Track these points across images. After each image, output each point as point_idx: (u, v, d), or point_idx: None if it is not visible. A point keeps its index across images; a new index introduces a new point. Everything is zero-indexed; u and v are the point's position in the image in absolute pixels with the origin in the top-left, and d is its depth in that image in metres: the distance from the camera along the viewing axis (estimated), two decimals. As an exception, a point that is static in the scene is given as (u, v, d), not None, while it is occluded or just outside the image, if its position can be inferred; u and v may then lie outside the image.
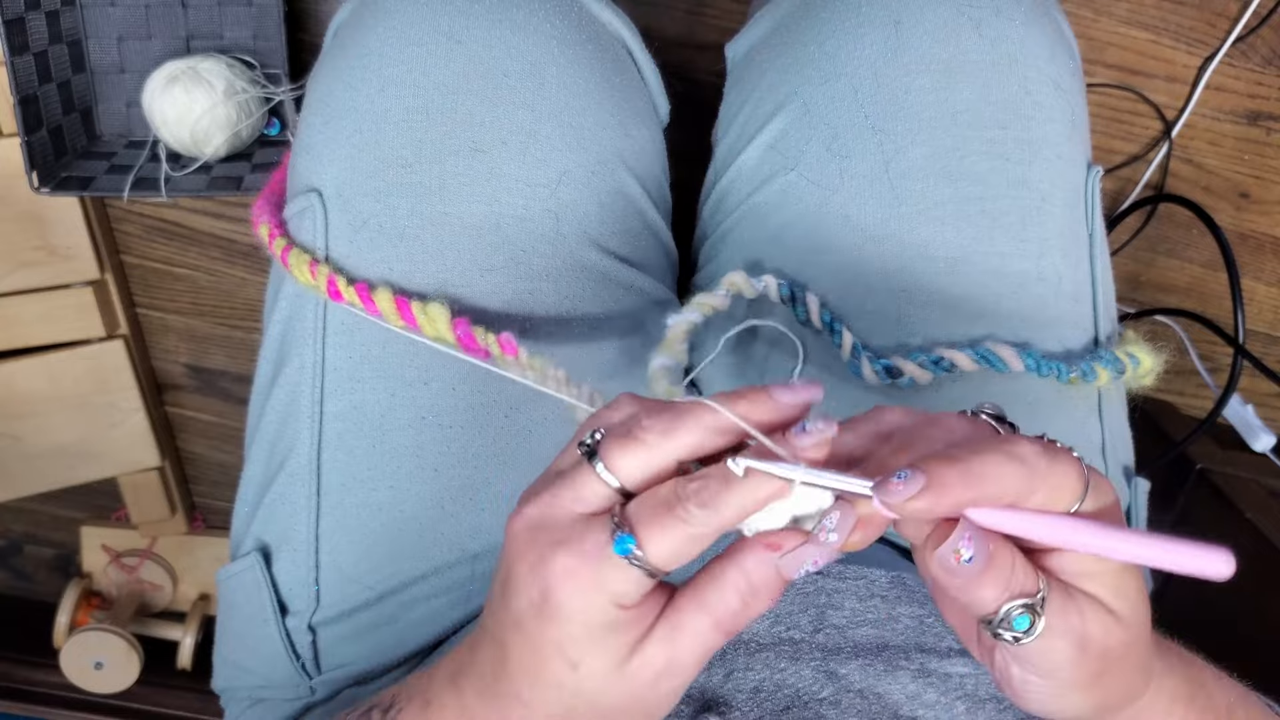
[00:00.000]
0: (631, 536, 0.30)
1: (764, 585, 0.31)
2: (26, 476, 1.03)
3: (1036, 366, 0.51)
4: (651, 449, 0.32)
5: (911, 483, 0.29)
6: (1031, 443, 0.30)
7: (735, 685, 0.45)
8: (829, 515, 0.31)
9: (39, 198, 0.86)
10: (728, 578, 0.31)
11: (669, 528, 0.30)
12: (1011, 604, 0.30)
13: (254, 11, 0.87)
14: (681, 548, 0.30)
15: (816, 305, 0.53)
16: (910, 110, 0.52)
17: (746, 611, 0.32)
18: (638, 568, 0.30)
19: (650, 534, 0.30)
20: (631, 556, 0.30)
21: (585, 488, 0.32)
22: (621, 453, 0.32)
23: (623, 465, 0.32)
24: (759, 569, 0.31)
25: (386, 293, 0.47)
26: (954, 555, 0.30)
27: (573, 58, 0.51)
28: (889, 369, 0.52)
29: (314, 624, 0.52)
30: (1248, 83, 0.91)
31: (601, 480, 0.32)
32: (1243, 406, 0.90)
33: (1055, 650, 0.31)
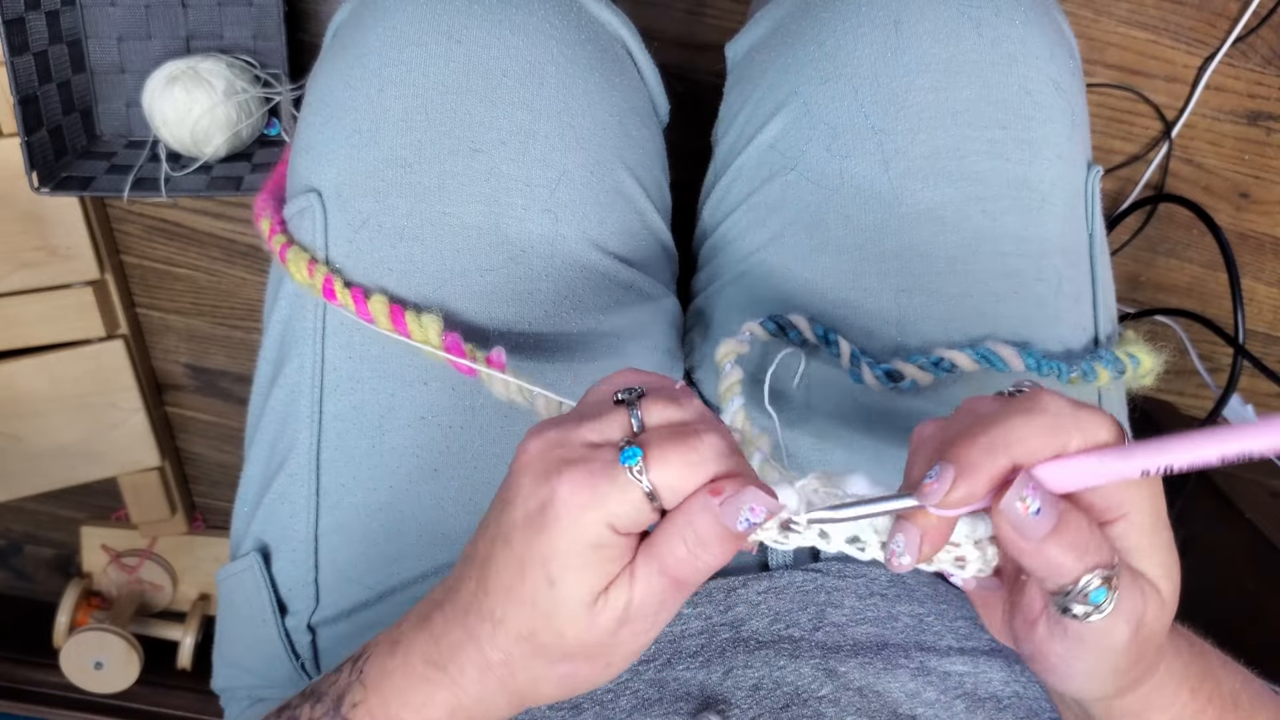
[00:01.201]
0: (639, 449, 0.31)
1: (709, 534, 0.32)
2: (27, 476, 1.03)
3: (1037, 366, 0.51)
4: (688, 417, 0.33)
5: (943, 477, 0.29)
6: (1053, 394, 0.31)
7: (735, 683, 0.45)
8: (895, 538, 0.31)
9: (39, 198, 0.86)
10: (675, 526, 0.32)
11: (677, 450, 0.31)
12: (1091, 575, 0.30)
13: (254, 11, 0.87)
14: (682, 477, 0.31)
15: (806, 323, 0.53)
16: (910, 110, 0.52)
17: (694, 562, 0.32)
18: (637, 484, 0.31)
19: (658, 453, 0.31)
20: (634, 469, 0.31)
21: (611, 426, 0.33)
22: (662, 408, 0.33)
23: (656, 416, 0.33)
24: (701, 515, 0.32)
25: (382, 300, 0.47)
26: (1021, 504, 0.29)
27: (572, 58, 0.51)
28: (889, 373, 0.52)
29: (313, 624, 0.52)
30: (1248, 83, 0.91)
31: (629, 422, 0.33)
32: (1243, 406, 0.90)
33: (1116, 632, 0.31)
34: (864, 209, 0.53)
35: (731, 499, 0.31)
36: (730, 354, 0.51)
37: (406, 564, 0.51)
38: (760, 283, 0.57)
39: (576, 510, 0.31)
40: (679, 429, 0.32)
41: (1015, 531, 0.30)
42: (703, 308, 0.62)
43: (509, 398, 0.45)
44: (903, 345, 0.53)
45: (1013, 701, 0.46)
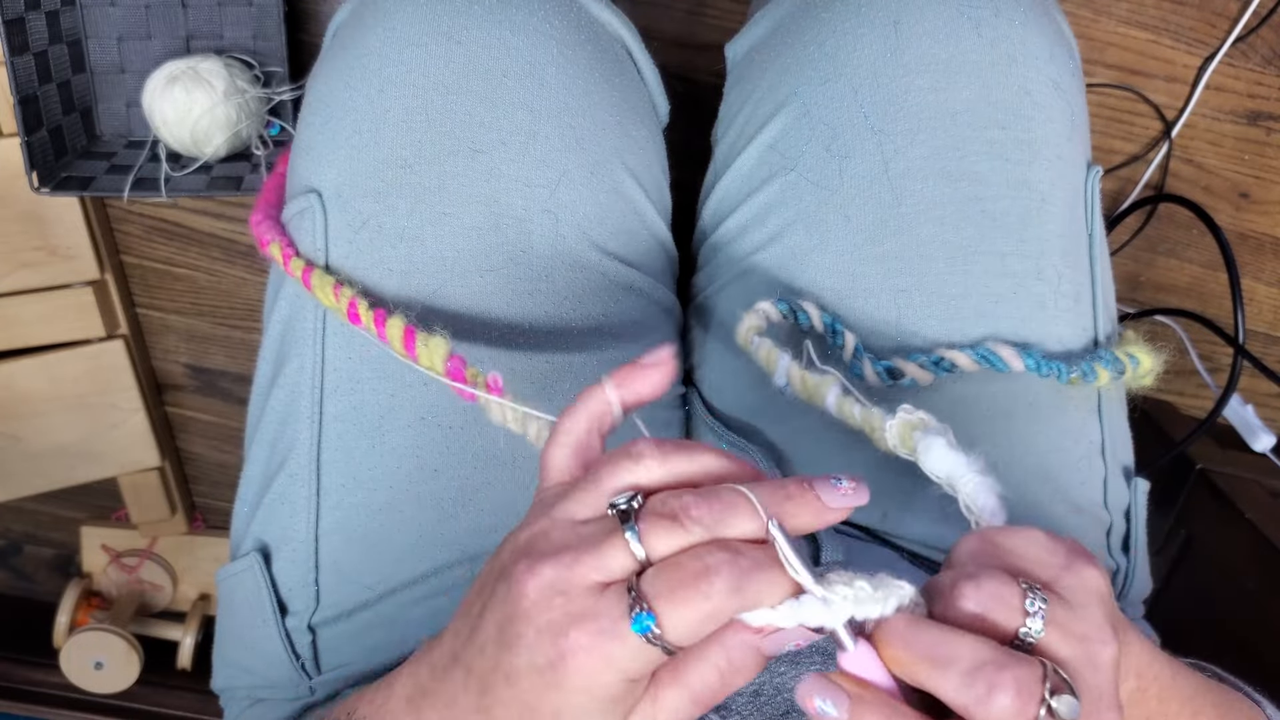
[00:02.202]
0: (651, 615, 0.29)
1: (744, 664, 0.30)
2: (26, 476, 1.03)
3: (1037, 366, 0.51)
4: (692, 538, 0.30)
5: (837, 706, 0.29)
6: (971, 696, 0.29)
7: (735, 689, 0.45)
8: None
9: (39, 198, 0.86)
10: (709, 656, 0.30)
11: (690, 603, 0.29)
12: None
13: (254, 11, 0.87)
14: (701, 625, 0.29)
15: (817, 311, 0.53)
16: (910, 110, 0.52)
17: (725, 688, 0.31)
18: (655, 645, 0.29)
19: (669, 610, 0.29)
20: (650, 635, 0.29)
21: (613, 560, 0.31)
22: (665, 535, 0.30)
23: (659, 545, 0.30)
24: (741, 650, 0.30)
25: (398, 324, 0.46)
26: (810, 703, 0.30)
27: (572, 58, 0.51)
28: (890, 370, 0.52)
29: (313, 624, 0.52)
30: (1248, 83, 0.91)
31: (631, 554, 0.31)
32: (1243, 406, 0.90)
33: None
34: (864, 209, 0.53)
35: (777, 637, 0.30)
36: (753, 329, 0.51)
37: (406, 564, 0.51)
38: (760, 282, 0.57)
39: (591, 675, 0.29)
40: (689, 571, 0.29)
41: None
42: (703, 308, 0.62)
43: (503, 423, 0.43)
44: (903, 345, 0.53)
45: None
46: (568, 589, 0.30)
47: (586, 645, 0.29)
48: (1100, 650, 0.31)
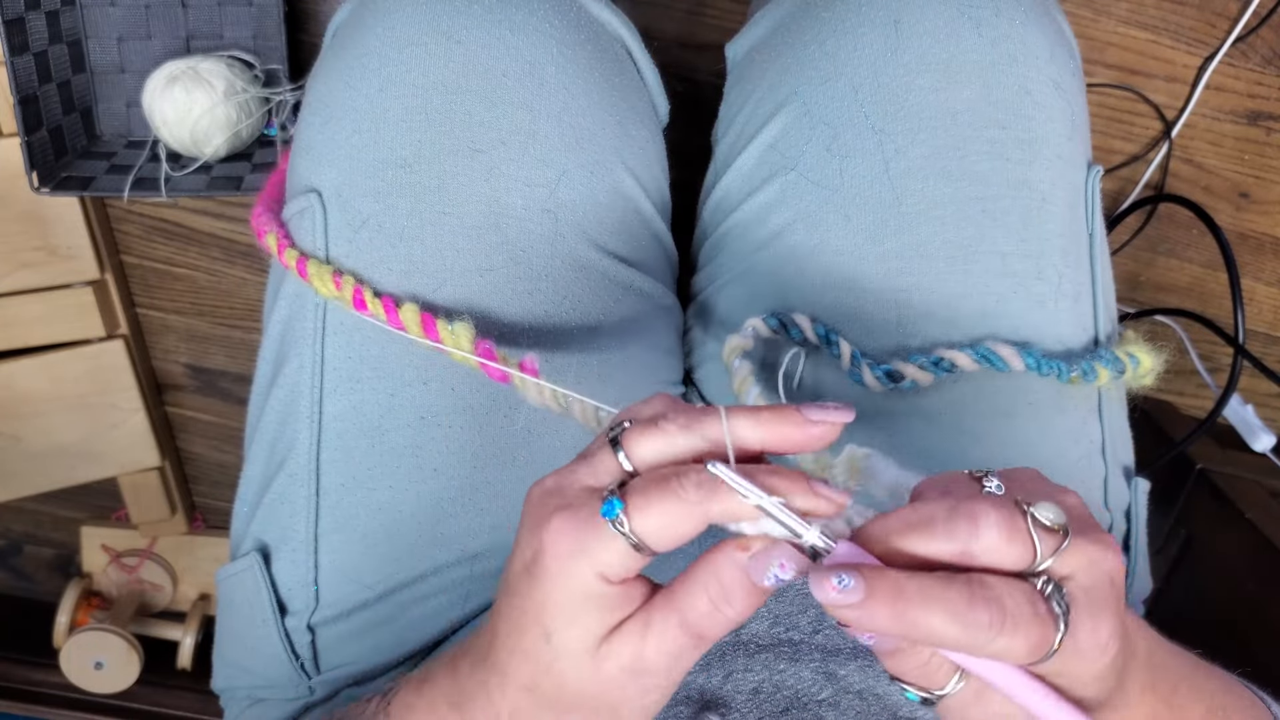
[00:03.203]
0: (620, 501, 0.31)
1: (734, 588, 0.31)
2: (27, 476, 1.03)
3: (1037, 366, 0.51)
4: (669, 438, 0.32)
5: (848, 594, 0.28)
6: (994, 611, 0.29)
7: (735, 686, 0.45)
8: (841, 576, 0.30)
9: (39, 198, 0.86)
10: (698, 577, 0.31)
11: (658, 500, 0.30)
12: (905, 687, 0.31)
13: (254, 11, 0.87)
14: (667, 524, 0.30)
15: (808, 323, 0.53)
16: (910, 110, 0.52)
17: (716, 615, 0.31)
18: (621, 535, 0.30)
19: (639, 503, 0.30)
20: (616, 521, 0.30)
21: (600, 465, 0.33)
22: (641, 438, 0.32)
23: (639, 449, 0.32)
24: (728, 569, 0.31)
25: (413, 308, 0.47)
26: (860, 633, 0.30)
27: (572, 58, 0.51)
28: (890, 373, 0.52)
29: (313, 624, 0.52)
30: (1248, 83, 0.91)
31: (616, 460, 0.32)
32: (1243, 406, 0.90)
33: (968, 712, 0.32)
34: (864, 209, 0.53)
35: (761, 554, 0.31)
36: (736, 350, 0.51)
37: (406, 564, 0.51)
38: (760, 282, 0.57)
39: (564, 561, 0.31)
40: (662, 473, 0.31)
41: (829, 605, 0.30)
42: (703, 307, 0.62)
43: (544, 404, 0.44)
44: (903, 345, 0.53)
45: (1012, 702, 0.46)
46: (560, 489, 0.33)
47: (561, 529, 0.31)
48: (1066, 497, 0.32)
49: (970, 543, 0.30)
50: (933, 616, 0.28)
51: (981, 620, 0.28)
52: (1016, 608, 0.29)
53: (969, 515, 0.30)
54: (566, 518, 0.31)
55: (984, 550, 0.30)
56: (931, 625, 0.28)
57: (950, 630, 0.28)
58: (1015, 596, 0.29)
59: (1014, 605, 0.29)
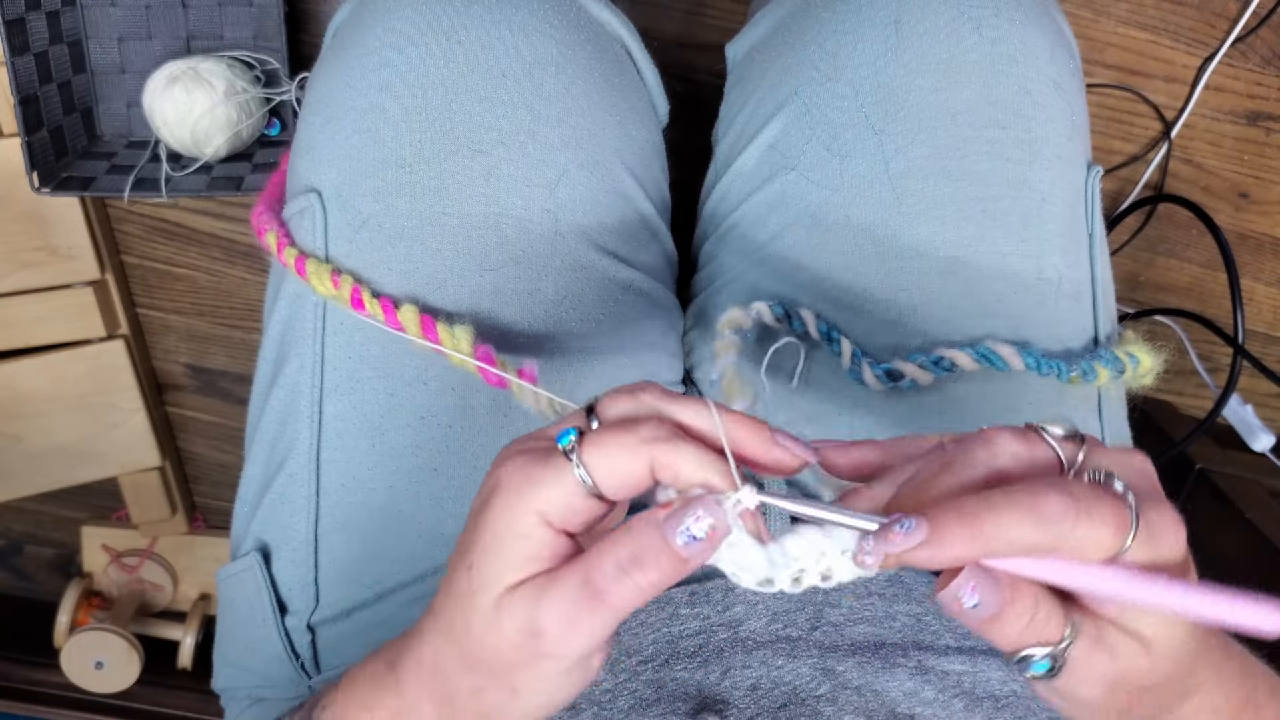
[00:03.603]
0: (575, 429, 0.31)
1: (648, 548, 0.29)
2: (27, 476, 1.03)
3: (1037, 365, 0.51)
4: (639, 400, 0.32)
5: (914, 533, 0.28)
6: (1063, 496, 0.28)
7: (732, 683, 0.46)
8: (865, 539, 0.30)
9: (40, 198, 0.86)
10: (613, 537, 0.30)
11: (612, 434, 0.30)
12: (1031, 649, 0.29)
13: (254, 12, 0.87)
14: (617, 460, 0.30)
15: (813, 318, 0.53)
16: (910, 110, 0.52)
17: (625, 579, 0.29)
18: (568, 464, 0.30)
19: (594, 436, 0.30)
20: (567, 447, 0.30)
21: (569, 423, 0.32)
22: (613, 403, 0.32)
23: (609, 411, 0.32)
24: (642, 529, 0.30)
25: (412, 309, 0.47)
26: (955, 602, 0.29)
27: (571, 58, 0.51)
28: (890, 373, 0.52)
29: (313, 624, 0.52)
30: (1247, 83, 0.91)
31: (586, 422, 0.32)
32: (1242, 406, 0.90)
33: (1081, 689, 0.31)
34: (864, 209, 0.53)
35: (677, 511, 0.29)
36: (734, 322, 0.51)
37: (406, 564, 0.52)
38: (760, 282, 0.57)
39: (512, 493, 0.31)
40: (623, 417, 0.31)
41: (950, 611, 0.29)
42: (703, 308, 0.62)
43: (539, 411, 0.44)
44: (903, 344, 0.53)
45: (1010, 700, 0.47)
46: (529, 440, 0.33)
47: (516, 463, 0.31)
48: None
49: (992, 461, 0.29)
50: (1007, 522, 0.27)
51: (1055, 510, 0.28)
52: (1083, 493, 0.28)
53: (981, 440, 0.30)
54: (524, 454, 0.32)
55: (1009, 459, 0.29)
56: (1009, 532, 0.27)
57: (1028, 531, 0.27)
58: (1077, 485, 0.28)
59: (1080, 491, 0.28)
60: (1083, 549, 0.28)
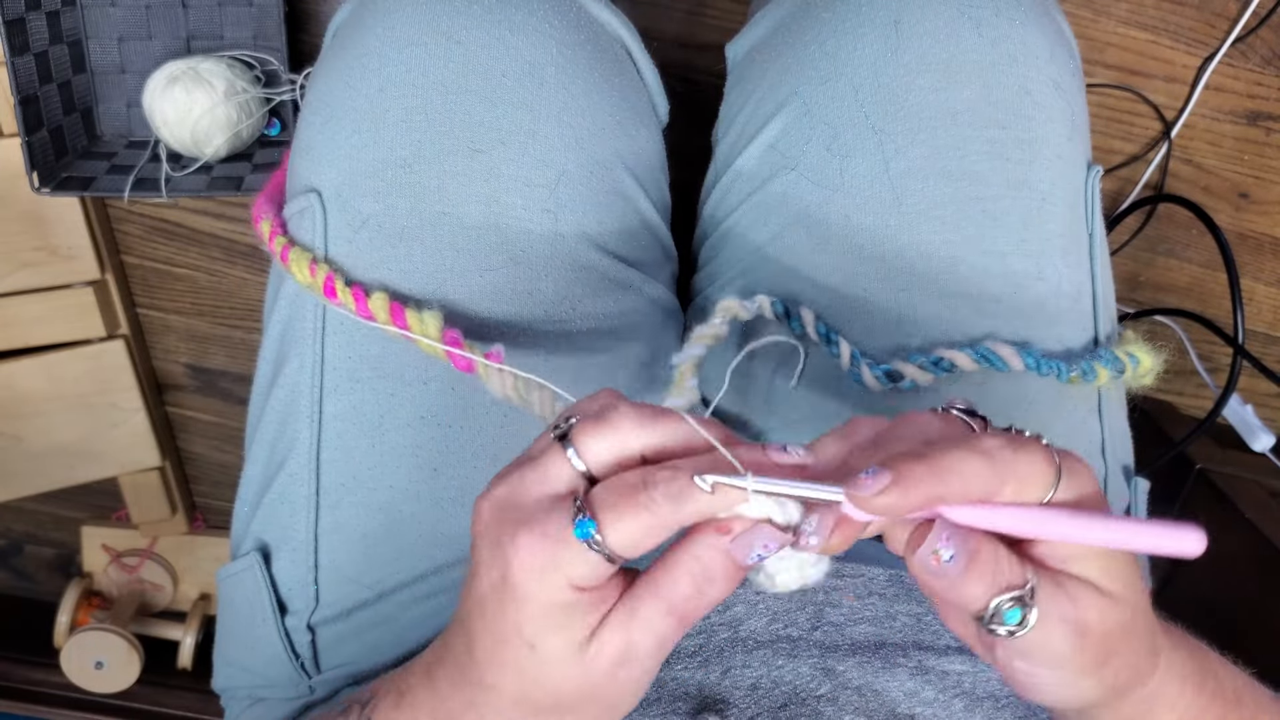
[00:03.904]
0: (593, 521, 0.30)
1: (717, 570, 0.31)
2: (27, 476, 1.03)
3: (1036, 365, 0.51)
4: (623, 435, 0.32)
5: (879, 478, 0.29)
6: (996, 436, 0.31)
7: (733, 682, 0.46)
8: (808, 519, 0.31)
9: (40, 198, 0.86)
10: (681, 563, 0.32)
11: (631, 514, 0.30)
12: (1000, 598, 0.31)
13: (254, 12, 0.87)
14: (642, 536, 0.31)
15: (812, 319, 0.53)
16: (910, 110, 0.52)
17: (701, 598, 0.32)
18: (597, 552, 0.30)
19: (611, 519, 0.30)
20: (591, 541, 0.30)
21: (552, 468, 0.33)
22: (592, 435, 0.32)
23: (592, 448, 0.32)
24: (710, 553, 0.31)
25: (382, 297, 0.47)
26: (933, 557, 0.30)
27: (571, 58, 0.51)
28: (890, 374, 0.52)
29: (313, 623, 0.52)
30: (1247, 83, 0.91)
31: (568, 462, 0.32)
32: (1242, 406, 0.90)
33: (1054, 639, 0.31)
34: (864, 208, 0.53)
35: (744, 536, 0.31)
36: (728, 311, 0.51)
37: (406, 564, 0.52)
38: (760, 282, 0.57)
39: (537, 579, 0.31)
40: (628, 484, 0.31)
41: (926, 574, 0.31)
42: (703, 308, 0.62)
43: (505, 394, 0.44)
44: (902, 344, 0.53)
45: (1011, 700, 0.47)
46: (513, 501, 0.32)
47: (530, 547, 0.31)
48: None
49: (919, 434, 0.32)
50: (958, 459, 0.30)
51: (994, 445, 0.30)
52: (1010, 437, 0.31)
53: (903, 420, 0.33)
54: (534, 536, 0.31)
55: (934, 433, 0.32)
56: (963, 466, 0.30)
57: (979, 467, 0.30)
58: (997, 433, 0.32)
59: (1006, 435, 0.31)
60: (1025, 485, 0.30)
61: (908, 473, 0.29)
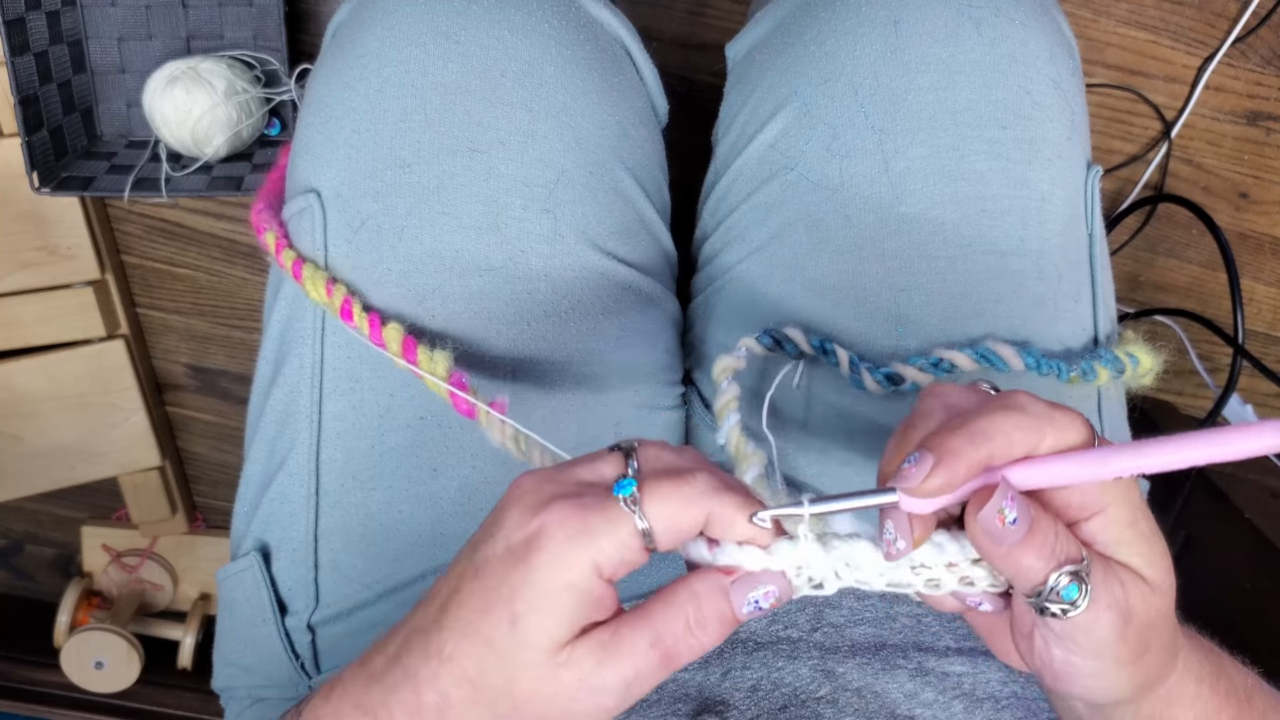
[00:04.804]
0: (634, 480, 0.30)
1: (712, 614, 0.31)
2: (27, 476, 1.03)
3: (1036, 365, 0.51)
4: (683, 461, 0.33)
5: (923, 462, 0.29)
6: (1029, 395, 0.31)
7: (733, 684, 0.46)
8: (885, 526, 0.31)
9: (40, 198, 0.86)
10: (677, 598, 0.31)
11: (673, 485, 0.30)
12: (1060, 572, 0.30)
13: (254, 12, 0.87)
14: (677, 513, 0.30)
15: (802, 336, 0.53)
16: (910, 110, 0.52)
17: (689, 638, 0.31)
18: (630, 515, 0.30)
19: (652, 486, 0.30)
20: (629, 497, 0.30)
21: (606, 466, 0.33)
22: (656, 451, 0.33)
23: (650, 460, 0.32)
24: (709, 594, 0.31)
25: (397, 328, 0.46)
26: (998, 517, 0.30)
27: (570, 58, 0.51)
28: (890, 377, 0.52)
29: (313, 623, 0.52)
30: (1247, 83, 0.91)
31: (624, 463, 0.32)
32: (1242, 406, 0.91)
33: (1101, 623, 0.31)
34: (864, 208, 0.53)
35: (744, 580, 0.31)
36: (727, 370, 0.51)
37: (406, 564, 0.52)
38: (760, 282, 0.57)
39: (563, 543, 0.30)
40: (673, 468, 0.31)
41: (988, 539, 0.30)
42: (703, 308, 0.62)
43: (504, 445, 0.43)
44: (902, 345, 0.53)
45: (1011, 701, 0.47)
46: (561, 479, 0.32)
47: (564, 511, 0.31)
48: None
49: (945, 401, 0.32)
50: (997, 420, 0.30)
51: (1028, 402, 0.30)
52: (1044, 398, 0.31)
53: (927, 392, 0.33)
54: (571, 501, 0.31)
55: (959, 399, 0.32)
56: (1003, 426, 0.30)
57: (1020, 423, 0.30)
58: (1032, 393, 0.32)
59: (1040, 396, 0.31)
60: (1065, 434, 0.30)
61: (948, 447, 0.29)
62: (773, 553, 0.31)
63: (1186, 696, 0.36)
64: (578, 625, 0.31)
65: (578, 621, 0.31)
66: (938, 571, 0.33)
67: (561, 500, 0.31)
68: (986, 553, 0.31)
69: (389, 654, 0.34)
